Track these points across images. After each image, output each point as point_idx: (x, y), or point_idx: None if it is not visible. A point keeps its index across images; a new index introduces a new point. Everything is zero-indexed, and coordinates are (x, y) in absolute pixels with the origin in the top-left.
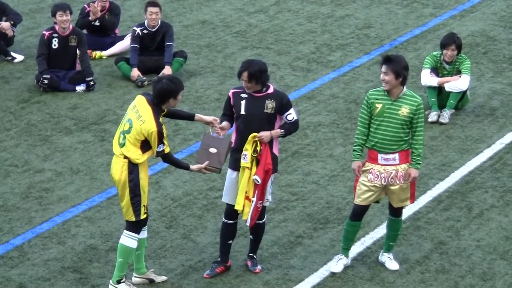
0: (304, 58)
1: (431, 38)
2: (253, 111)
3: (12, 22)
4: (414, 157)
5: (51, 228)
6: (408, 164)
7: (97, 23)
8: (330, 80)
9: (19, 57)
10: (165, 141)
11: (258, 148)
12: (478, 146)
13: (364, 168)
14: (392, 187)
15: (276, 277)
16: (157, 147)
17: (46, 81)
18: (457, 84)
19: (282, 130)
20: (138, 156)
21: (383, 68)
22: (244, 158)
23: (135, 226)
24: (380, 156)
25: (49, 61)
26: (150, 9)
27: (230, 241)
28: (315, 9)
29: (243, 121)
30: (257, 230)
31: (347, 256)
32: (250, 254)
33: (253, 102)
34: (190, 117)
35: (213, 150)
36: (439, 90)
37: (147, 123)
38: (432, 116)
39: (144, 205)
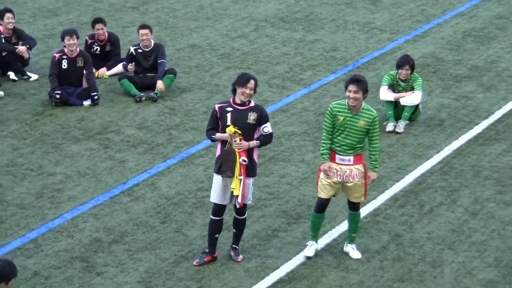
0: (280, 77)
1: (388, 59)
2: (238, 122)
3: (28, 46)
4: (372, 162)
5: (62, 223)
6: (360, 165)
7: (98, 52)
8: (302, 95)
9: (34, 76)
10: None
11: (238, 138)
12: (429, 152)
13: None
14: (348, 184)
15: (256, 265)
16: None
17: (58, 96)
18: (410, 99)
19: (258, 142)
20: None
21: (353, 87)
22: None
23: None
24: (337, 156)
25: (60, 79)
26: (141, 31)
27: (217, 235)
28: (288, 35)
29: None
30: (239, 225)
31: (316, 242)
32: (233, 246)
33: (238, 114)
34: None
35: None
36: (395, 104)
37: None
38: (389, 126)
39: None
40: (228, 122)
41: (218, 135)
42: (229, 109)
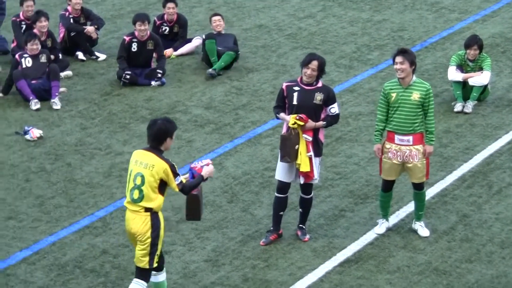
0: (347, 57)
1: (457, 39)
2: (304, 102)
3: (96, 26)
4: (427, 135)
5: None
6: (420, 145)
7: (166, 33)
8: (369, 76)
9: (102, 56)
10: (178, 173)
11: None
12: (497, 132)
13: (385, 147)
14: (409, 165)
15: (322, 245)
16: (175, 181)
17: (128, 77)
18: (479, 79)
19: (324, 122)
20: (160, 201)
21: (399, 59)
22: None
23: (146, 274)
24: (396, 137)
25: (128, 61)
26: (214, 18)
27: (281, 213)
28: (356, 15)
29: (295, 110)
30: (305, 204)
31: (387, 220)
32: (300, 225)
33: (304, 94)
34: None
35: None
36: (464, 84)
37: (156, 165)
38: (458, 107)
39: (157, 255)
40: (295, 102)
41: (282, 115)
42: (296, 88)
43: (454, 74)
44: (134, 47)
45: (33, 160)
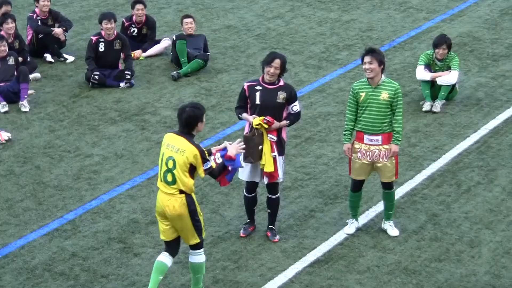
0: (316, 57)
1: (425, 39)
2: (267, 101)
3: (64, 28)
4: (394, 135)
5: (99, 204)
6: (389, 144)
7: (134, 34)
8: (338, 75)
9: (70, 58)
10: (208, 158)
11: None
12: (465, 131)
13: (354, 148)
14: (378, 164)
15: (292, 246)
16: (204, 166)
17: (96, 77)
18: (447, 78)
19: (288, 121)
20: (191, 183)
21: (367, 59)
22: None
23: (200, 245)
24: (366, 137)
25: (96, 62)
26: (185, 20)
27: (254, 208)
28: (324, 15)
29: (258, 110)
30: (273, 204)
31: (357, 220)
32: (270, 226)
33: (267, 93)
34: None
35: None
36: (432, 83)
37: (187, 150)
38: (426, 106)
39: (203, 226)
40: (258, 101)
41: (245, 115)
42: (258, 87)
43: (422, 74)
44: (101, 47)
45: (1, 163)
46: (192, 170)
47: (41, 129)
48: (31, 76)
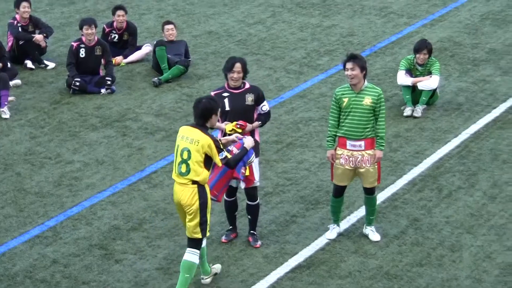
0: (297, 62)
1: (406, 44)
2: (236, 106)
3: (45, 34)
4: (378, 140)
5: (80, 211)
6: (372, 150)
7: (115, 40)
8: (319, 81)
9: (51, 65)
10: (223, 149)
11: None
12: (446, 136)
13: (336, 153)
14: (361, 170)
15: (274, 251)
16: (220, 156)
17: (77, 84)
18: (428, 83)
19: (260, 122)
20: (205, 175)
21: (349, 65)
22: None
23: (198, 243)
24: (348, 142)
25: (77, 68)
26: (167, 26)
27: (235, 213)
28: (305, 20)
29: (229, 116)
30: (252, 210)
31: (338, 225)
32: (251, 232)
33: (235, 98)
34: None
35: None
36: (413, 88)
37: (201, 140)
38: (407, 111)
39: (208, 224)
40: (227, 108)
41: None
42: (225, 94)
43: (403, 79)
44: (82, 52)
45: None
46: (207, 161)
47: (22, 136)
48: (11, 83)
